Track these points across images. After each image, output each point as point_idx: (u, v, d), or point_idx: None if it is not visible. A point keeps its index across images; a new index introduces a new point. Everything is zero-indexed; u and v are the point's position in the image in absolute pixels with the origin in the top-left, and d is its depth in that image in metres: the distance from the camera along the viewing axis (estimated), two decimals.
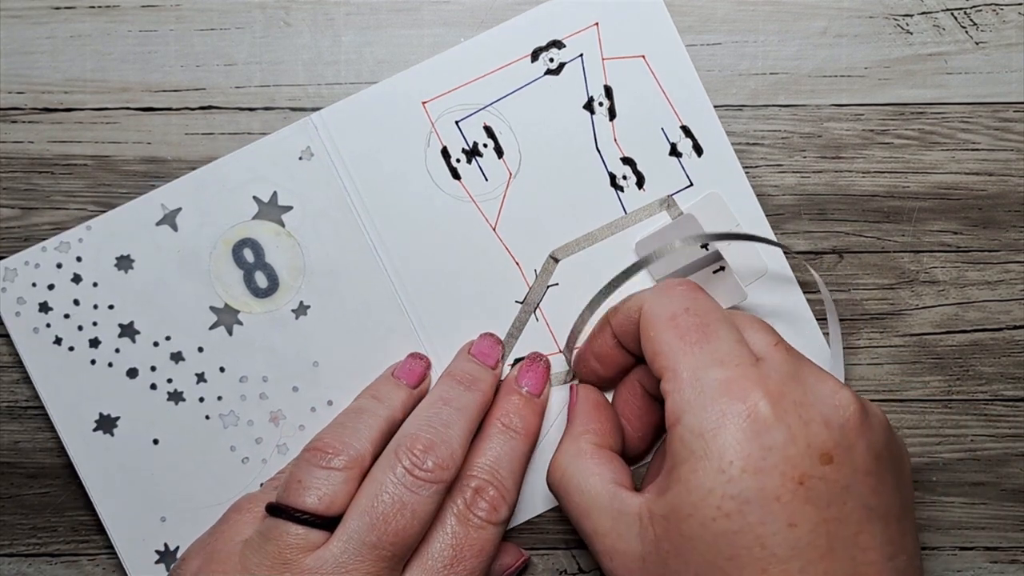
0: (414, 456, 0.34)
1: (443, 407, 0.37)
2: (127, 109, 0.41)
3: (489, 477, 0.36)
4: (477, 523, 0.35)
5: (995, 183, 0.41)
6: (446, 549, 0.35)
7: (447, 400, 0.37)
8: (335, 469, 0.34)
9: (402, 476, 0.34)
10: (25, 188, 0.41)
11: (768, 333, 0.34)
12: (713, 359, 0.32)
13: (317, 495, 0.34)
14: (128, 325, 0.40)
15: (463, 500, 0.36)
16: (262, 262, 0.40)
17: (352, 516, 0.33)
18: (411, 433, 0.35)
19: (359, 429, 0.36)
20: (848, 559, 0.30)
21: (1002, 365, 0.41)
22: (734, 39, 0.41)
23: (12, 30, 0.40)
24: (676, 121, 0.41)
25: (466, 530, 0.35)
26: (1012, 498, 0.41)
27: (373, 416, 0.37)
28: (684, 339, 0.33)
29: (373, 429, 0.36)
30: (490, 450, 0.37)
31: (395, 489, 0.34)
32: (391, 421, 0.37)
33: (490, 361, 0.39)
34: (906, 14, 0.40)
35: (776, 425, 0.31)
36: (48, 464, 0.41)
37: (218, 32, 0.41)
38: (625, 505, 0.33)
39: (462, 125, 0.41)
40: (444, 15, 0.41)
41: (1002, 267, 0.41)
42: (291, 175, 0.40)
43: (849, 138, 0.41)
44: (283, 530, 0.33)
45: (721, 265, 0.38)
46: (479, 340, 0.40)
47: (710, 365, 0.32)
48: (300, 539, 0.33)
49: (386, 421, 0.37)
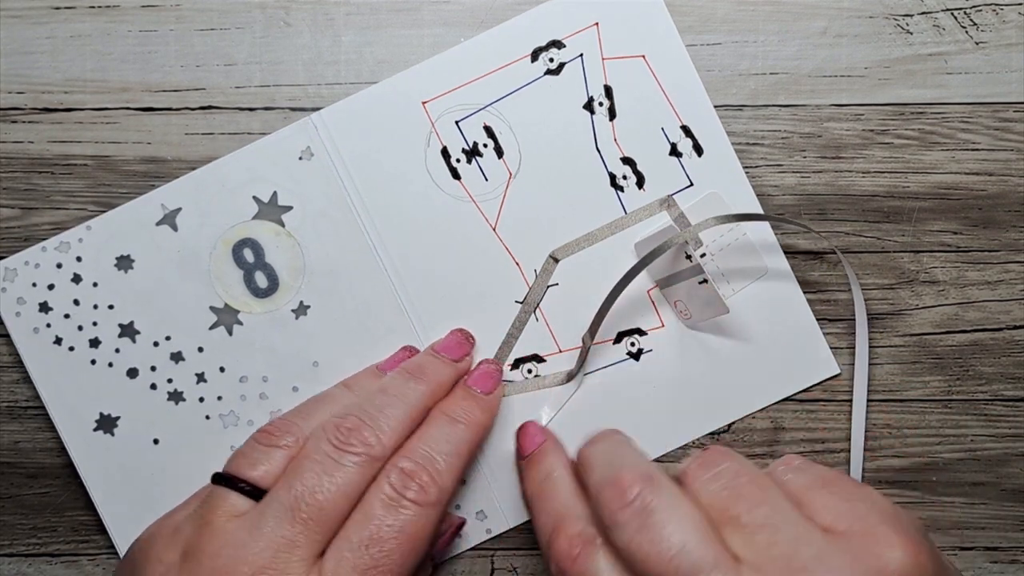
0: (340, 433, 0.35)
1: (379, 395, 0.37)
2: (127, 109, 0.41)
3: (419, 459, 0.35)
4: (404, 504, 0.35)
5: (995, 183, 0.41)
6: (365, 528, 0.34)
7: (386, 389, 0.37)
8: (276, 447, 0.35)
9: (326, 447, 0.34)
10: (25, 188, 0.41)
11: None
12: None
13: (255, 466, 0.35)
14: (128, 325, 0.40)
15: (388, 482, 0.35)
16: (262, 262, 0.40)
17: (278, 487, 0.34)
18: (341, 414, 0.36)
19: (313, 414, 0.36)
20: None
21: (1002, 365, 0.41)
22: (734, 39, 0.41)
23: (12, 30, 0.40)
24: (676, 121, 0.41)
25: (387, 511, 0.34)
26: (1012, 498, 0.41)
27: (334, 403, 0.37)
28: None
29: (328, 416, 0.36)
30: (425, 435, 0.37)
31: (318, 458, 0.34)
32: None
33: (454, 355, 0.39)
34: (906, 14, 0.40)
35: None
36: (48, 464, 0.41)
37: (218, 32, 0.41)
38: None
39: (462, 125, 0.41)
40: (444, 15, 0.41)
41: (1002, 267, 0.41)
42: (291, 175, 0.40)
43: (849, 138, 0.41)
44: (220, 496, 0.34)
45: (704, 278, 0.38)
46: (445, 336, 0.40)
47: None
48: (228, 504, 0.34)
49: (346, 409, 0.37)
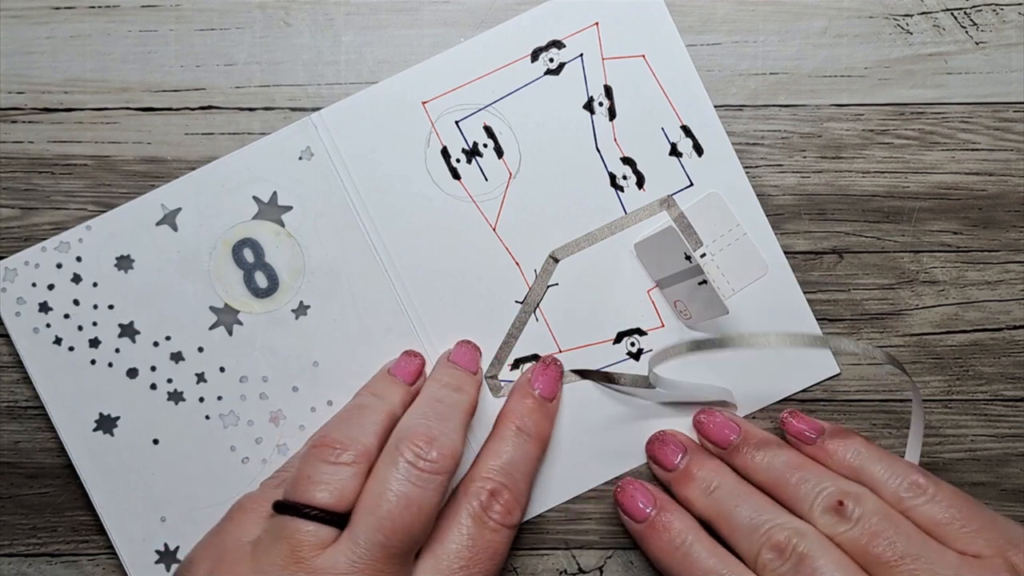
0: (417, 448, 0.34)
1: (437, 404, 0.37)
2: (127, 109, 0.41)
3: (504, 480, 0.36)
4: (492, 525, 0.36)
5: (995, 183, 0.41)
6: (462, 550, 0.35)
7: (440, 399, 0.37)
8: (343, 464, 0.34)
9: (406, 470, 0.34)
10: (25, 188, 0.41)
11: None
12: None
13: (327, 490, 0.34)
14: (128, 325, 0.40)
15: (479, 502, 0.36)
16: (262, 262, 0.40)
17: (360, 514, 0.33)
18: (411, 427, 0.35)
19: (363, 424, 0.36)
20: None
21: (1002, 365, 0.41)
22: (734, 39, 0.41)
23: (12, 30, 0.40)
24: (676, 121, 0.41)
25: (481, 532, 0.35)
26: (1012, 498, 0.41)
27: (375, 412, 0.37)
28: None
29: (377, 424, 0.36)
30: (504, 453, 0.37)
31: (399, 485, 0.34)
32: (392, 416, 0.37)
33: (471, 367, 0.39)
34: (906, 14, 0.40)
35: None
36: (48, 464, 0.41)
37: (218, 32, 0.41)
38: None
39: (462, 125, 0.41)
40: (444, 15, 0.41)
41: (1002, 267, 0.41)
42: (291, 175, 0.40)
43: (849, 138, 0.41)
44: (294, 527, 0.33)
45: (704, 279, 0.38)
46: (456, 348, 0.40)
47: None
48: (311, 536, 0.33)
49: (387, 416, 0.37)
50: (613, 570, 0.41)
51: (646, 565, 0.41)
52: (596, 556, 0.41)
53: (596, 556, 0.41)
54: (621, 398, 0.41)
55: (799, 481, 0.37)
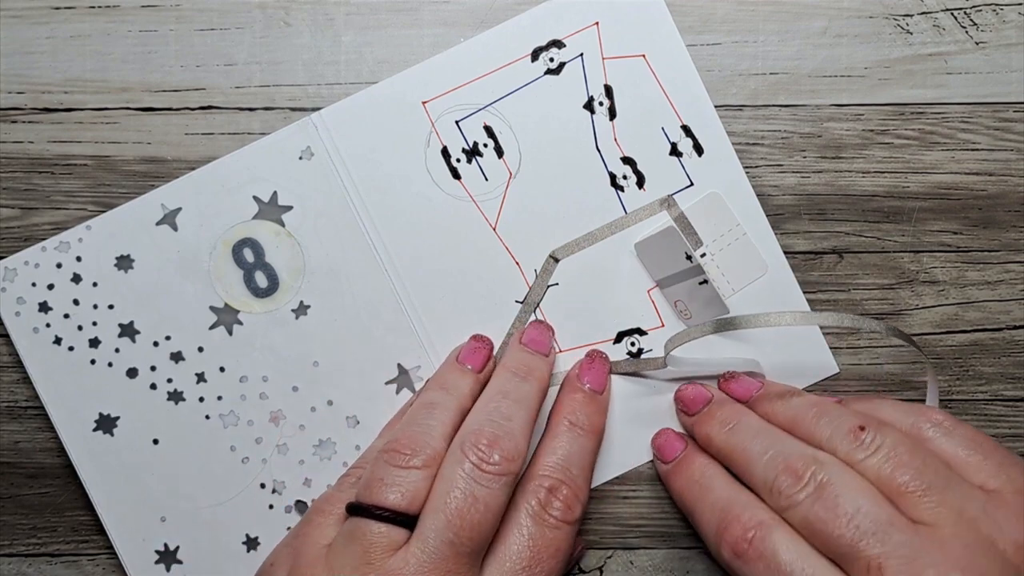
0: (480, 451, 0.34)
1: (503, 400, 0.37)
2: (127, 109, 0.41)
3: (562, 476, 0.36)
4: (553, 523, 0.35)
5: (995, 183, 0.41)
6: (524, 550, 0.35)
7: (506, 393, 0.37)
8: (414, 468, 0.35)
9: (471, 471, 0.34)
10: (25, 188, 0.41)
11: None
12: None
13: (399, 492, 0.34)
14: (128, 325, 0.40)
15: (537, 500, 0.36)
16: (262, 262, 0.40)
17: (428, 515, 0.34)
18: (475, 429, 0.35)
19: (432, 425, 0.36)
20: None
21: (1002, 365, 0.41)
22: (734, 39, 0.41)
23: (12, 30, 0.40)
24: (676, 120, 0.41)
25: (542, 530, 0.35)
26: None
27: (444, 410, 0.37)
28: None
29: (446, 424, 0.36)
30: (559, 448, 0.37)
31: (466, 484, 0.34)
32: (461, 411, 0.37)
33: (543, 349, 0.39)
34: (906, 14, 0.40)
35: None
36: (48, 464, 0.41)
37: (218, 32, 0.41)
38: None
39: (462, 125, 0.41)
40: (444, 15, 0.41)
41: (1002, 267, 0.41)
42: (291, 175, 0.40)
43: (849, 138, 0.41)
44: (366, 529, 0.34)
45: (704, 279, 0.38)
46: (529, 329, 0.40)
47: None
48: (383, 538, 0.33)
49: (457, 412, 0.37)
50: (613, 570, 0.41)
51: (646, 565, 0.41)
52: (596, 556, 0.41)
53: (596, 556, 0.41)
54: (621, 399, 0.41)
55: (818, 415, 0.36)
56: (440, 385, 0.38)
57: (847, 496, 0.33)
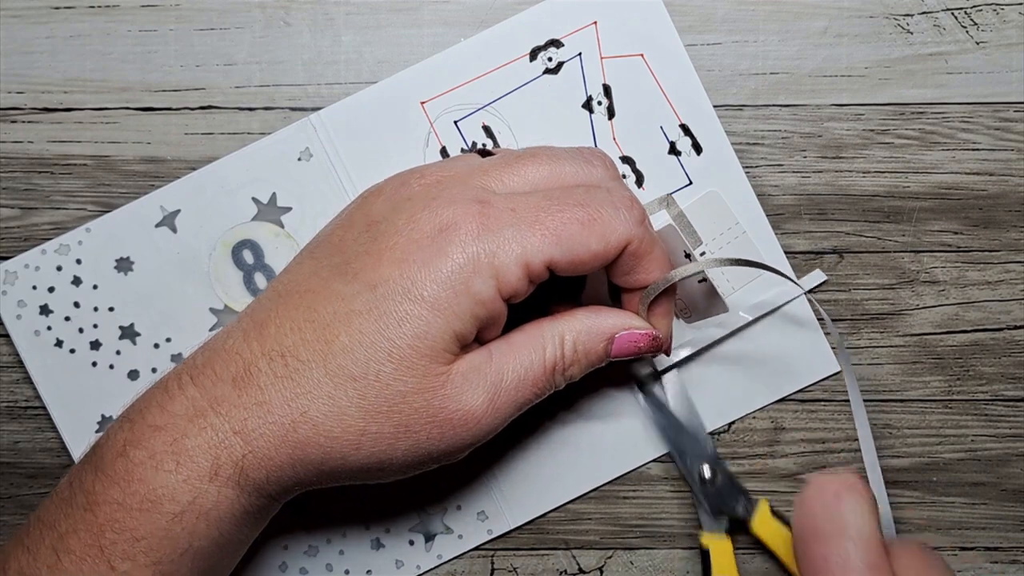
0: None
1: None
2: (127, 109, 0.41)
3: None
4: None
5: (995, 183, 0.41)
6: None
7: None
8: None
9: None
10: (25, 188, 0.41)
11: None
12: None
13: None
14: (128, 327, 0.40)
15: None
16: (262, 263, 0.40)
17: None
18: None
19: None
20: None
21: (1002, 365, 0.41)
22: (734, 39, 0.41)
23: (12, 30, 0.40)
24: (675, 119, 0.40)
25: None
26: (1012, 498, 0.41)
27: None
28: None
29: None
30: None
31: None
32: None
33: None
34: (906, 14, 0.40)
35: None
36: (48, 464, 0.41)
37: (218, 32, 0.41)
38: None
39: (461, 125, 0.41)
40: (444, 15, 0.41)
41: (1002, 267, 0.41)
42: (290, 176, 0.40)
43: (849, 138, 0.41)
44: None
45: (704, 277, 0.38)
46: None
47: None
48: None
49: None
50: (613, 570, 0.41)
51: (646, 565, 0.41)
52: (596, 556, 0.41)
53: (596, 556, 0.41)
54: (622, 400, 0.41)
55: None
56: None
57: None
